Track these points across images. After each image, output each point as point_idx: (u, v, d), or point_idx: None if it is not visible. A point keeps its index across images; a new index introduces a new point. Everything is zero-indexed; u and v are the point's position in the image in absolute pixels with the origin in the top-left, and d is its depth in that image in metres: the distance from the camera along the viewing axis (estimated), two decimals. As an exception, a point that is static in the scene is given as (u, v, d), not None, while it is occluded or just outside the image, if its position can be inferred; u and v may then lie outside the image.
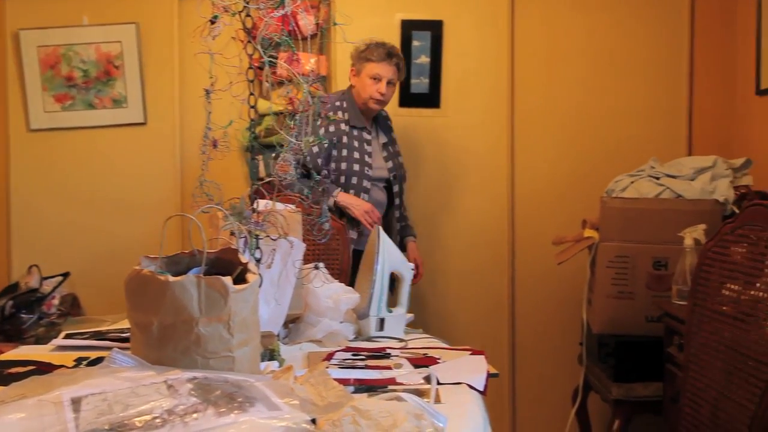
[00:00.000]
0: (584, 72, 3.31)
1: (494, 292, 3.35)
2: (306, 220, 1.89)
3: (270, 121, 2.56)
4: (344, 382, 1.41)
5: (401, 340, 1.99)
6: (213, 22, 1.60)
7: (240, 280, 1.32)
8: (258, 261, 1.72)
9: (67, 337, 1.90)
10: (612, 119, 3.31)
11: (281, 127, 1.72)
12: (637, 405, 2.49)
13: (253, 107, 1.73)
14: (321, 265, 2.02)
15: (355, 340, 1.98)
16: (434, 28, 3.30)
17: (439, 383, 1.47)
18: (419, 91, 3.29)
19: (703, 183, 2.56)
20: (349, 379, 1.48)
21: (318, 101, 1.70)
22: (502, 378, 3.26)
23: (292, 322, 1.98)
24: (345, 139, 2.84)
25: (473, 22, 3.32)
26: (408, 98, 3.25)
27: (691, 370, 1.84)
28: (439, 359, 1.71)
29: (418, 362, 1.67)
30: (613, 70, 3.31)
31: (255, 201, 1.76)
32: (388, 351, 1.80)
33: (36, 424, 0.95)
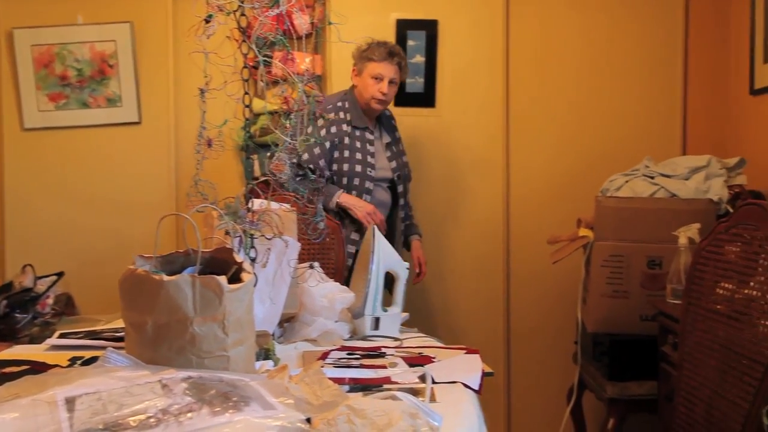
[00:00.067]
0: (579, 72, 3.32)
1: (489, 291, 3.36)
2: (301, 219, 1.89)
3: (265, 121, 2.56)
4: (339, 381, 1.41)
5: (396, 339, 1.99)
6: (208, 21, 1.60)
7: (235, 279, 1.31)
8: (253, 260, 1.72)
9: (62, 336, 1.90)
10: (606, 119, 3.32)
11: (276, 127, 1.72)
12: (632, 403, 2.49)
13: (248, 106, 1.73)
14: (316, 264, 2.02)
15: (350, 339, 1.98)
16: (429, 27, 3.30)
17: (434, 382, 1.47)
18: (414, 91, 3.29)
19: (698, 182, 2.57)
20: (344, 378, 1.48)
21: (313, 100, 1.70)
22: (497, 377, 3.27)
23: (287, 321, 1.98)
24: (347, 140, 2.81)
25: (468, 21, 3.32)
26: (403, 98, 3.25)
27: (685, 368, 1.85)
28: (434, 358, 1.71)
29: (413, 361, 1.67)
30: (608, 69, 3.32)
31: (250, 200, 1.76)
32: (384, 350, 1.80)
33: (30, 424, 0.94)
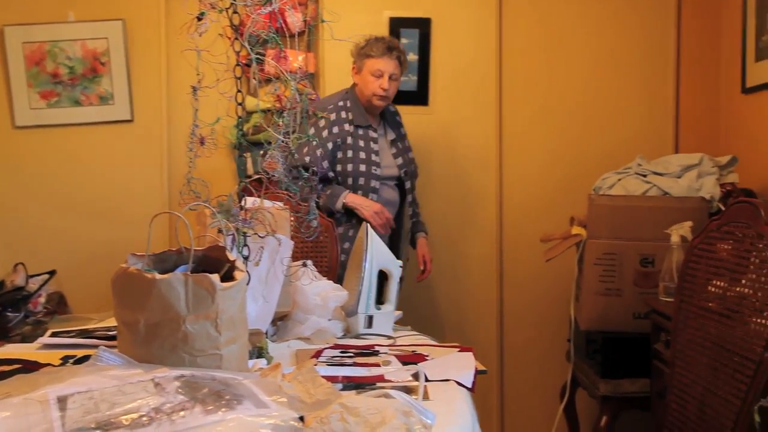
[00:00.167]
0: (571, 70, 3.33)
1: (483, 289, 3.36)
2: (294, 217, 1.89)
3: (258, 119, 2.54)
4: (332, 379, 1.41)
5: (390, 338, 1.99)
6: (200, 19, 1.60)
7: (227, 277, 1.31)
8: (246, 258, 1.72)
9: (54, 335, 1.89)
10: (599, 117, 3.33)
11: (269, 125, 1.71)
12: (625, 401, 2.50)
13: (241, 104, 1.73)
14: (309, 262, 2.01)
15: (343, 337, 1.98)
16: (422, 25, 3.30)
17: (427, 380, 1.47)
18: (407, 89, 3.28)
19: (690, 180, 2.57)
20: (338, 377, 1.48)
21: (306, 98, 1.70)
22: (490, 375, 3.27)
23: (280, 319, 1.98)
24: (350, 140, 2.77)
25: (461, 20, 3.32)
26: (396, 96, 3.24)
27: (677, 366, 1.86)
28: (428, 356, 1.71)
29: (407, 359, 1.67)
30: (601, 68, 3.32)
31: (243, 198, 1.76)
32: (377, 348, 1.80)
33: (21, 423, 0.94)
